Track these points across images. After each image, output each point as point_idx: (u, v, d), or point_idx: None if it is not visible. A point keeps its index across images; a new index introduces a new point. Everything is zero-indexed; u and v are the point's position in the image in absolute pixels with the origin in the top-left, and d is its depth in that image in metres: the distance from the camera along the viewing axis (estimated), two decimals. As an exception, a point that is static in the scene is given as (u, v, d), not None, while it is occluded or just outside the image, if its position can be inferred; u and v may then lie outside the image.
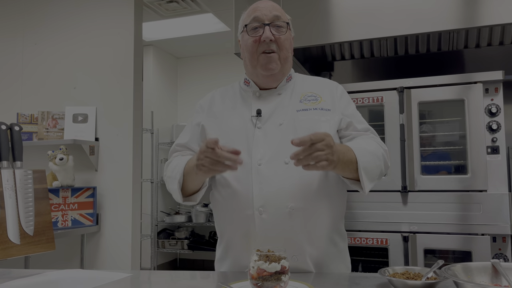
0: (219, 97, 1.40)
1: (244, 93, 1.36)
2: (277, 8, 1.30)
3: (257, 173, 1.19)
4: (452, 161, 2.19)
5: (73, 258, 2.99)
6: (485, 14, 2.12)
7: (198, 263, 5.13)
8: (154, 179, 4.79)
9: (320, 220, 1.21)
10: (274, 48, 1.25)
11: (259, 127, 1.26)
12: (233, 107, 1.34)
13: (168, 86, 5.37)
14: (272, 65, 1.26)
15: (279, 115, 1.27)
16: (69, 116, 3.02)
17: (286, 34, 1.28)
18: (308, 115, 1.26)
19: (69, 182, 2.85)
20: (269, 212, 1.17)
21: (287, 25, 1.28)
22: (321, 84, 1.38)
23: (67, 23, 3.20)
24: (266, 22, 1.25)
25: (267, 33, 1.24)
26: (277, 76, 1.30)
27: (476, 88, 2.12)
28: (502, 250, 2.01)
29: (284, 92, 1.32)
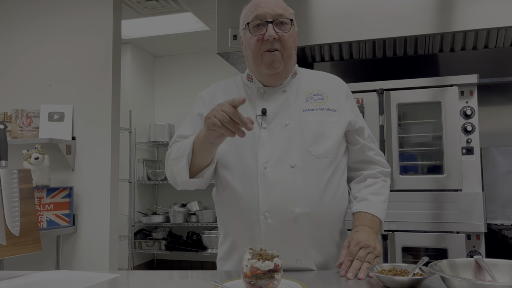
0: (222, 91, 1.33)
1: (248, 89, 1.30)
2: (280, 3, 1.24)
3: (263, 177, 1.17)
4: (429, 162, 2.26)
5: (48, 260, 2.91)
6: (459, 20, 2.20)
7: (175, 263, 5.09)
8: (132, 179, 4.73)
9: (325, 224, 1.21)
10: (277, 47, 1.20)
11: (264, 127, 1.22)
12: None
13: (146, 85, 5.30)
14: (276, 64, 1.22)
15: (285, 115, 1.23)
16: (45, 114, 2.94)
17: (290, 31, 1.22)
18: (315, 116, 1.23)
19: (45, 182, 2.77)
20: (275, 218, 1.16)
21: (291, 22, 1.23)
22: (327, 81, 1.33)
23: (43, 19, 3.12)
24: (269, 20, 1.20)
25: (270, 32, 1.19)
26: (281, 74, 1.26)
27: (452, 91, 2.19)
28: (476, 247, 2.08)
29: (289, 89, 1.28)
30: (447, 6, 2.22)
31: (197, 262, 5.02)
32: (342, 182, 1.26)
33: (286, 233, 1.16)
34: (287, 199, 1.16)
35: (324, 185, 1.19)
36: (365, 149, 1.30)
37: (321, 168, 1.20)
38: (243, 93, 1.29)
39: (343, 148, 1.27)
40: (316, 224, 1.18)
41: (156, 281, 1.15)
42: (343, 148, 1.27)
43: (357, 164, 1.32)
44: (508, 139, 2.69)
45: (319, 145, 1.20)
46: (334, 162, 1.23)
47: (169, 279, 1.21)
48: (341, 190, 1.25)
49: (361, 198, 1.26)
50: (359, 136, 1.29)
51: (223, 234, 1.31)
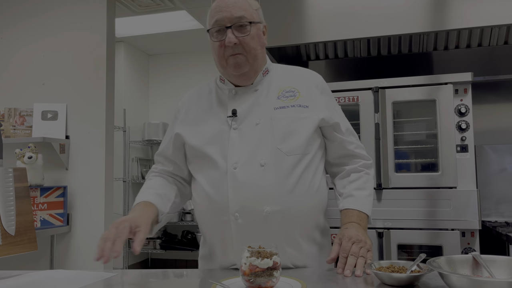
0: (195, 97, 1.35)
1: (220, 91, 1.31)
2: (240, 3, 1.21)
3: (233, 178, 1.17)
4: (424, 159, 2.27)
5: (42, 260, 2.89)
6: (453, 18, 2.21)
7: (170, 262, 5.07)
8: (126, 178, 4.70)
9: (298, 220, 1.20)
10: (240, 50, 1.20)
11: (234, 128, 1.22)
12: (209, 108, 1.30)
13: (139, 83, 5.28)
14: (241, 66, 1.22)
15: (256, 114, 1.23)
16: (38, 113, 2.91)
17: (251, 32, 1.21)
18: (286, 113, 1.22)
19: (38, 181, 2.75)
20: (245, 218, 1.16)
21: (250, 24, 1.21)
22: (301, 76, 1.31)
23: (36, 17, 3.09)
24: (228, 25, 1.19)
25: (229, 38, 1.19)
26: (249, 74, 1.25)
27: (446, 89, 2.20)
28: (471, 244, 2.10)
29: (261, 88, 1.27)
30: (441, 5, 2.23)
31: (192, 261, 5.01)
32: (316, 178, 1.24)
33: (257, 232, 1.16)
34: (257, 198, 1.16)
35: (295, 182, 1.18)
36: (344, 144, 1.29)
37: (291, 165, 1.19)
38: (214, 98, 1.31)
39: (316, 144, 1.25)
40: (288, 222, 1.17)
41: (153, 281, 1.14)
42: (315, 144, 1.25)
43: (339, 159, 1.32)
44: (502, 137, 2.71)
45: (289, 142, 1.20)
46: (306, 158, 1.22)
47: (165, 278, 1.21)
48: (316, 186, 1.23)
49: (347, 194, 1.27)
50: (336, 131, 1.28)
51: (203, 235, 1.33)
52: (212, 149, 1.22)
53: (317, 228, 1.26)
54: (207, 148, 1.23)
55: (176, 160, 1.33)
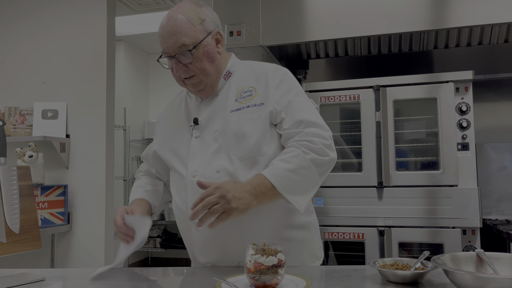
0: (170, 107, 1.38)
1: (189, 99, 1.32)
2: (178, 30, 1.16)
3: (191, 186, 1.17)
4: (425, 157, 2.28)
5: (42, 258, 2.89)
6: (454, 16, 2.21)
7: (170, 261, 5.07)
8: (126, 176, 4.70)
9: (260, 222, 1.16)
10: (191, 73, 1.20)
11: (196, 137, 1.22)
12: (177, 118, 1.31)
13: (139, 82, 5.27)
14: (198, 86, 1.22)
15: (215, 120, 1.21)
16: (38, 112, 2.91)
17: (195, 56, 1.17)
18: (239, 115, 1.19)
19: (39, 180, 2.75)
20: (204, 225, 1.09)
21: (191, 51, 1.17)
22: (260, 73, 1.25)
23: (36, 15, 3.08)
24: (172, 55, 1.18)
25: (176, 68, 1.20)
26: (207, 90, 1.24)
27: (447, 87, 2.21)
28: (472, 242, 2.10)
29: (222, 92, 1.25)
30: (441, 3, 2.23)
31: (192, 260, 5.01)
32: None
33: (217, 239, 1.16)
34: None
35: None
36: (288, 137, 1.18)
37: (246, 168, 1.16)
38: (183, 105, 1.32)
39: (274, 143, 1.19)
40: (248, 226, 1.15)
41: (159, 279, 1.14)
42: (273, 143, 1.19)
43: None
44: (502, 135, 2.72)
45: (241, 146, 1.17)
46: (262, 160, 1.17)
47: (169, 276, 1.21)
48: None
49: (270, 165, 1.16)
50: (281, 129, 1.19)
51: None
52: (176, 160, 1.25)
53: (290, 225, 1.22)
54: (172, 159, 1.26)
55: (155, 166, 1.39)
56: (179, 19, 1.18)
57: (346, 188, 2.26)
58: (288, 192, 1.10)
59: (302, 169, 1.12)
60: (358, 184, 2.26)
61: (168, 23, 1.19)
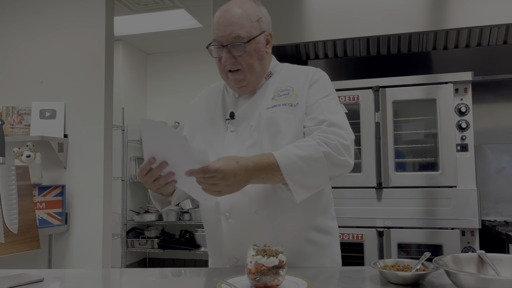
0: (205, 97, 1.39)
1: (226, 93, 1.34)
2: (236, 20, 1.20)
3: None
4: (424, 158, 2.27)
5: (40, 259, 2.88)
6: (452, 17, 2.21)
7: (168, 262, 5.06)
8: (124, 177, 4.69)
9: (290, 222, 1.18)
10: (238, 66, 1.22)
11: (232, 131, 1.24)
12: (213, 110, 1.32)
13: (137, 82, 5.26)
14: (241, 83, 1.24)
15: (252, 116, 1.24)
16: (36, 111, 2.90)
17: (247, 50, 1.20)
18: (275, 112, 1.21)
19: (37, 180, 2.73)
20: (235, 217, 1.17)
21: (245, 44, 1.19)
22: (299, 74, 1.28)
23: (34, 15, 3.07)
24: (224, 44, 1.20)
25: (225, 58, 1.20)
26: (248, 87, 1.26)
27: (446, 88, 2.21)
28: (470, 243, 2.10)
29: (260, 90, 1.28)
30: (440, 4, 2.23)
31: (190, 261, 5.00)
32: None
33: (247, 232, 1.16)
34: (246, 198, 1.16)
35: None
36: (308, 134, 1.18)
37: None
38: (220, 98, 1.34)
39: None
40: (278, 222, 1.17)
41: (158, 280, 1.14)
42: None
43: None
44: (500, 136, 2.72)
45: (275, 143, 1.18)
46: None
47: (169, 277, 1.20)
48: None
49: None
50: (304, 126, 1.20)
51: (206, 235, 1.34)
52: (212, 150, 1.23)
53: (314, 228, 1.23)
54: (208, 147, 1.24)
55: None
56: (238, 11, 1.21)
57: (345, 189, 2.26)
58: (290, 178, 1.08)
59: (312, 160, 1.09)
60: (357, 185, 2.26)
61: (226, 13, 1.21)
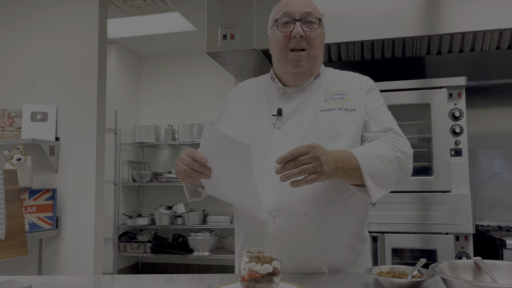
0: (245, 91, 1.36)
1: (269, 89, 1.31)
2: (310, 3, 1.25)
3: (273, 177, 1.12)
4: (418, 163, 2.27)
5: (30, 264, 2.83)
6: (446, 22, 2.22)
7: (160, 266, 5.02)
8: (117, 180, 4.65)
9: (337, 226, 1.17)
10: (304, 45, 1.20)
11: (278, 127, 1.22)
12: (256, 105, 1.30)
13: (131, 85, 5.23)
14: (301, 63, 1.21)
15: (301, 115, 1.22)
16: (27, 114, 2.86)
17: (317, 31, 1.22)
18: (331, 116, 1.20)
19: (27, 183, 2.70)
20: (283, 216, 1.15)
21: (319, 22, 1.23)
22: (351, 80, 1.29)
23: (26, 16, 3.04)
24: (297, 18, 1.21)
25: (297, 29, 1.19)
26: (305, 74, 1.25)
27: (440, 93, 2.21)
28: (464, 248, 2.10)
29: (309, 89, 1.26)
30: (434, 9, 2.24)
31: (182, 265, 4.96)
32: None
33: (294, 233, 1.15)
34: (296, 199, 1.15)
35: (336, 187, 1.15)
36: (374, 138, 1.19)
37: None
38: (263, 93, 1.31)
39: None
40: (326, 226, 1.16)
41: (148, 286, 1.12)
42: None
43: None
44: (493, 141, 2.73)
45: (331, 145, 1.15)
46: None
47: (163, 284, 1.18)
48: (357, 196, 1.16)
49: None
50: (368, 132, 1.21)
51: (237, 232, 1.31)
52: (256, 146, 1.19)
53: (356, 235, 1.23)
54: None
55: None
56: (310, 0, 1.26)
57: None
58: (369, 177, 1.08)
59: (387, 162, 1.11)
60: (352, 190, 2.24)
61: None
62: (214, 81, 5.01)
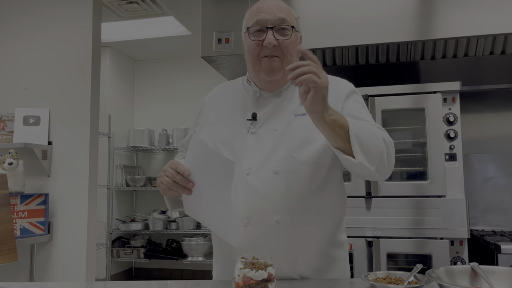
0: (221, 94, 1.34)
1: (245, 92, 1.28)
2: (283, 8, 1.20)
3: (245, 183, 1.13)
4: (413, 168, 2.27)
5: (21, 270, 2.79)
6: (440, 27, 2.23)
7: (154, 272, 4.98)
8: (110, 185, 4.61)
9: (309, 234, 1.15)
10: (277, 53, 1.17)
11: (252, 132, 1.20)
12: (231, 109, 1.27)
13: (125, 89, 5.21)
14: (275, 71, 1.18)
15: (276, 120, 1.20)
16: (19, 118, 2.83)
17: (291, 38, 1.17)
18: (306, 120, 1.14)
19: (19, 188, 2.66)
20: (254, 225, 1.12)
21: (292, 29, 1.18)
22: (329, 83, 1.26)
23: (19, 19, 3.01)
24: (269, 26, 1.16)
25: (269, 38, 1.16)
26: (279, 81, 1.22)
27: (435, 98, 2.21)
28: (459, 253, 2.09)
29: (285, 94, 1.24)
30: (428, 14, 2.24)
31: (176, 270, 4.92)
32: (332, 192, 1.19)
33: (265, 240, 1.12)
34: (267, 206, 1.12)
35: (309, 194, 1.14)
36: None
37: (307, 175, 1.14)
38: (239, 96, 1.28)
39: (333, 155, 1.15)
40: (298, 233, 1.13)
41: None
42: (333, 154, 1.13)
43: None
44: (486, 146, 2.74)
45: (304, 151, 1.15)
46: (322, 170, 1.15)
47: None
48: (330, 200, 1.17)
49: None
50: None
51: (212, 241, 1.29)
52: (226, 152, 1.19)
53: (330, 242, 1.20)
54: (221, 150, 1.19)
55: None
56: (283, 4, 1.22)
57: (334, 198, 2.24)
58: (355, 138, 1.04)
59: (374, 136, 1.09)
60: (347, 194, 2.23)
61: (272, 1, 1.21)
62: (208, 86, 4.99)
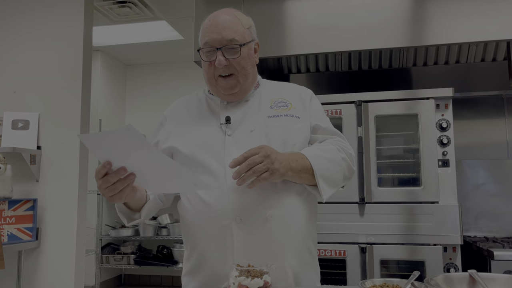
0: (184, 106, 1.34)
1: (211, 101, 1.31)
2: (230, 24, 1.21)
3: (233, 182, 1.12)
4: (406, 174, 2.27)
5: (8, 277, 2.73)
6: (432, 34, 2.24)
7: (144, 278, 4.92)
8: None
9: (298, 226, 1.19)
10: (231, 71, 1.21)
11: (229, 135, 1.22)
12: (200, 116, 1.29)
13: (116, 93, 5.16)
14: (232, 87, 1.23)
15: (250, 122, 1.24)
16: (8, 122, 2.78)
17: (241, 54, 1.20)
18: (280, 121, 1.23)
19: (6, 193, 2.61)
20: (247, 221, 1.13)
21: (241, 47, 1.20)
22: (291, 90, 1.33)
23: (8, 21, 2.97)
24: (218, 47, 1.19)
25: (219, 59, 1.19)
26: (239, 94, 1.26)
27: (428, 104, 2.22)
28: (452, 259, 2.09)
29: (252, 99, 1.29)
30: (420, 21, 2.26)
31: (167, 277, 4.87)
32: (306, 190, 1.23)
33: (259, 237, 1.14)
34: (259, 201, 1.14)
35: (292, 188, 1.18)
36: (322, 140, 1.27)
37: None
38: (205, 106, 1.31)
39: None
40: (289, 226, 1.17)
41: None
42: None
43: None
44: (478, 152, 2.75)
45: (285, 150, 1.19)
46: None
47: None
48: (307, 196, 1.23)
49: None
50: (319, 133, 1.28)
51: (190, 246, 1.25)
52: (205, 155, 1.20)
53: (311, 237, 1.25)
54: (199, 154, 1.21)
55: None
56: (231, 17, 1.22)
57: (327, 204, 2.23)
58: (321, 177, 1.15)
59: (334, 163, 1.20)
60: (340, 200, 2.23)
61: (220, 17, 1.22)
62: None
